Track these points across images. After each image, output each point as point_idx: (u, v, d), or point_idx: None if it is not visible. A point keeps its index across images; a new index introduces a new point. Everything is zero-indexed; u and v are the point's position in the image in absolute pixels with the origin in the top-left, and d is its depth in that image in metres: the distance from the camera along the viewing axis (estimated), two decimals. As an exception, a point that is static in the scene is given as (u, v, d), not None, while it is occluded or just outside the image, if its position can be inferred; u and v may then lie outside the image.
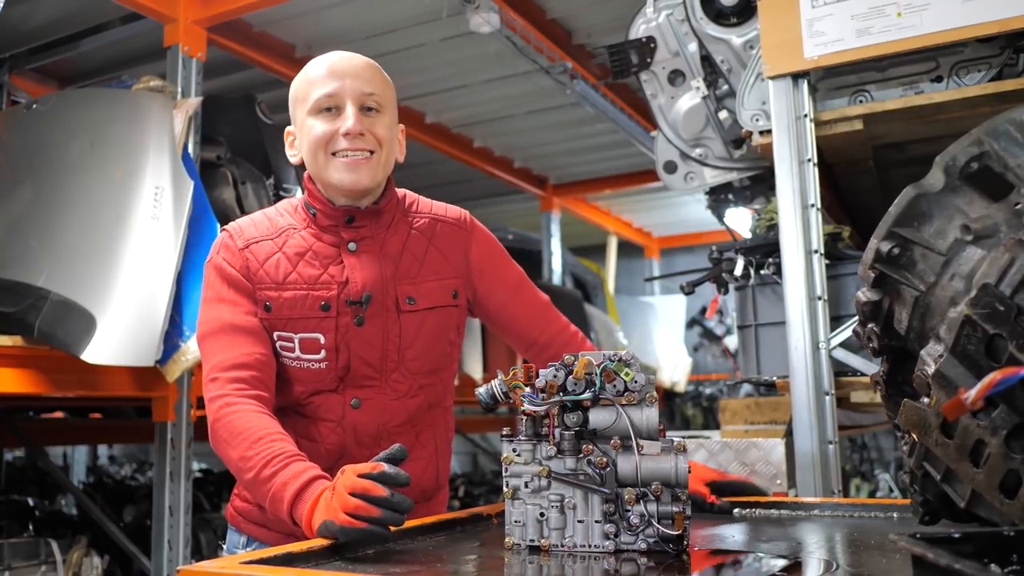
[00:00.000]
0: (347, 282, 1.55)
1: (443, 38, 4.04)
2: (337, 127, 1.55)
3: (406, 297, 1.59)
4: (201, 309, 1.59)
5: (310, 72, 1.61)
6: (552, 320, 1.75)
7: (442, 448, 1.70)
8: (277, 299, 1.54)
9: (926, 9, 2.05)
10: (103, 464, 7.13)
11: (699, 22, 2.78)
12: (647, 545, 1.19)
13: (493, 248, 1.75)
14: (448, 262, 1.66)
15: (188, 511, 3.25)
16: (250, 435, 1.41)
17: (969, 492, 1.07)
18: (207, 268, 1.61)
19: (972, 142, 1.14)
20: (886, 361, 1.27)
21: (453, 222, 1.70)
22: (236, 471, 1.46)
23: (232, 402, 1.46)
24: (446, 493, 1.75)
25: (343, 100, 1.56)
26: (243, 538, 1.64)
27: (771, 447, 2.35)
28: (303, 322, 1.54)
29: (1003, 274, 1.01)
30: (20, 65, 4.06)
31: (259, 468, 1.38)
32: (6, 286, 2.88)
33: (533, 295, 1.76)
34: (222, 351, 1.51)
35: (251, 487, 1.43)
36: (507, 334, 1.76)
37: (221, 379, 1.49)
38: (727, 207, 3.09)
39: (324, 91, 1.56)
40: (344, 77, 1.57)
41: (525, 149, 5.86)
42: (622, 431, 1.22)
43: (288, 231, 1.60)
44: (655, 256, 8.33)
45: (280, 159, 3.80)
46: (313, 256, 1.57)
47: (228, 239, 1.61)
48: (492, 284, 1.71)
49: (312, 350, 1.55)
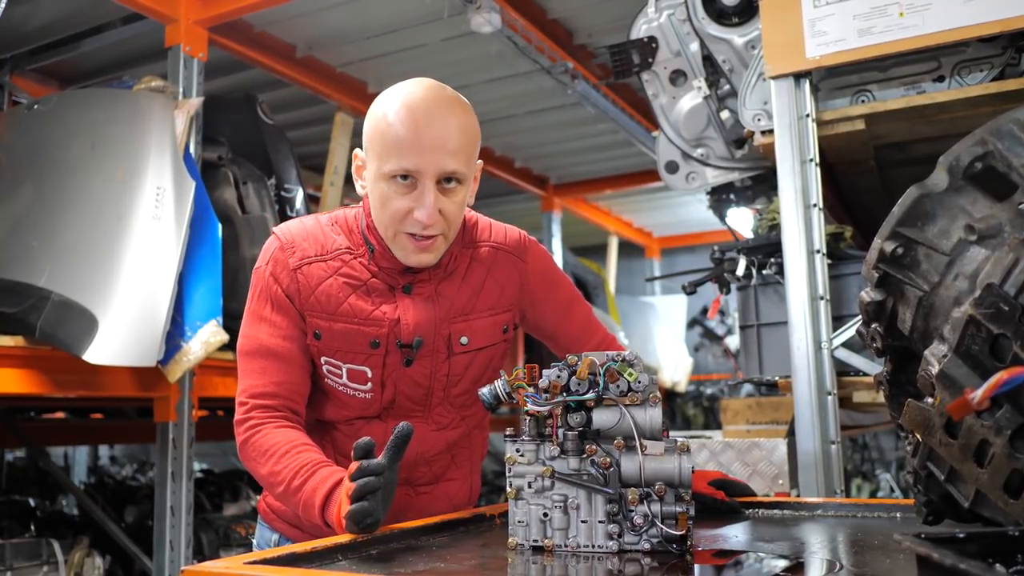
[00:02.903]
0: (399, 322, 1.52)
1: (444, 38, 4.05)
2: (411, 207, 1.44)
3: (459, 338, 1.56)
4: (245, 318, 1.56)
5: (392, 125, 1.43)
6: (593, 332, 1.75)
7: (476, 466, 1.72)
8: (328, 329, 1.52)
9: (928, 9, 2.05)
10: (104, 464, 7.12)
11: (701, 22, 2.78)
12: (651, 545, 1.19)
13: (546, 273, 1.71)
14: (503, 294, 1.63)
15: (190, 511, 3.25)
16: (277, 450, 1.45)
17: (973, 492, 1.07)
18: (256, 274, 1.56)
19: (976, 142, 1.14)
20: (889, 361, 1.26)
21: (511, 251, 1.65)
22: (268, 486, 1.50)
23: (257, 424, 1.49)
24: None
25: (423, 177, 1.43)
26: (275, 535, 1.66)
27: (773, 447, 2.36)
28: (351, 355, 1.53)
29: (1007, 274, 1.01)
30: (21, 65, 4.07)
31: (288, 480, 1.41)
32: (8, 286, 2.88)
33: (578, 312, 1.75)
34: (254, 375, 1.52)
35: (283, 499, 1.46)
36: (552, 344, 1.77)
37: (249, 404, 1.51)
38: (729, 207, 3.09)
39: (403, 164, 1.42)
40: (427, 151, 1.42)
41: (526, 149, 5.86)
42: (626, 431, 1.22)
43: (342, 255, 1.54)
44: (656, 256, 8.33)
45: (281, 159, 3.81)
46: (367, 291, 1.53)
47: (279, 252, 1.54)
48: (543, 310, 1.70)
49: (359, 380, 1.55)
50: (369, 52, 4.26)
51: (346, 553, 1.19)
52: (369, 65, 4.41)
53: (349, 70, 4.50)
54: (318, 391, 1.60)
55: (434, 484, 1.62)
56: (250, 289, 1.58)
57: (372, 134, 1.48)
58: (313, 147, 5.23)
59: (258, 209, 3.58)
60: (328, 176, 4.44)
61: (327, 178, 4.45)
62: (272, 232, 1.59)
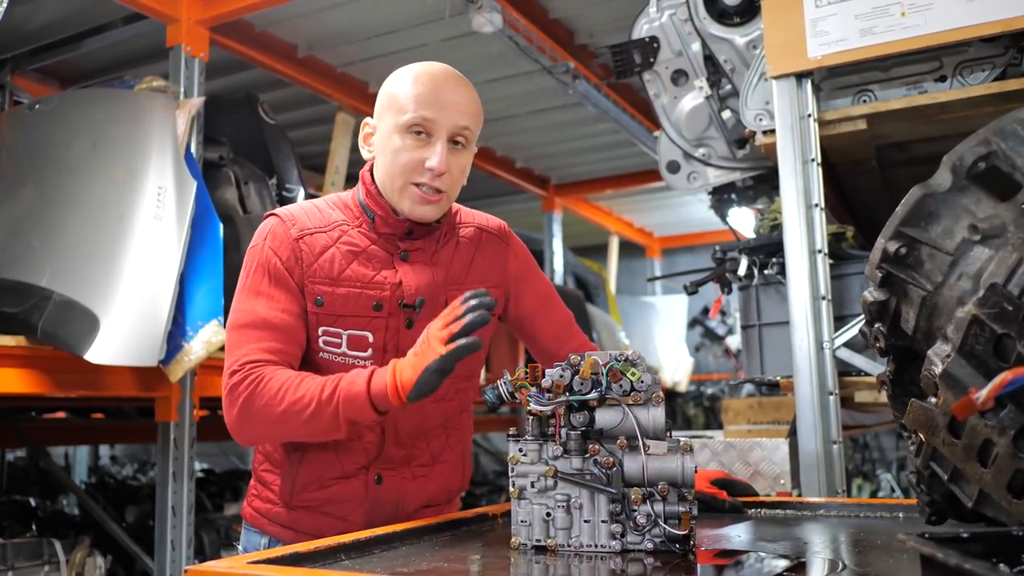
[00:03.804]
0: (400, 284, 1.55)
1: (445, 38, 4.05)
2: (424, 157, 1.51)
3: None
4: (236, 296, 1.55)
5: (415, 82, 1.54)
6: (573, 336, 1.78)
7: (467, 448, 1.74)
8: (331, 295, 1.53)
9: (930, 9, 2.05)
10: (105, 464, 7.13)
11: (702, 22, 2.78)
12: (653, 545, 1.19)
13: (527, 260, 1.77)
14: (492, 270, 1.68)
15: (191, 511, 3.26)
16: (290, 383, 1.41)
17: (977, 492, 1.07)
18: (250, 254, 1.56)
19: (979, 142, 1.14)
20: (892, 361, 1.26)
21: (495, 232, 1.72)
22: (290, 420, 1.41)
23: (256, 377, 1.44)
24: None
25: (439, 130, 1.52)
26: (265, 539, 1.62)
27: (775, 447, 2.35)
28: (353, 320, 1.54)
29: (1011, 274, 1.01)
30: (22, 65, 4.07)
31: (316, 399, 1.38)
32: (9, 286, 2.88)
33: (559, 310, 1.79)
34: (247, 344, 1.48)
35: (314, 420, 1.39)
36: (531, 345, 1.79)
37: (245, 368, 1.46)
38: (730, 207, 3.09)
39: (424, 114, 1.51)
40: (446, 106, 1.52)
41: (527, 149, 5.86)
42: (628, 431, 1.22)
43: (341, 226, 1.58)
44: (656, 256, 8.34)
45: (282, 159, 3.81)
46: (367, 257, 1.56)
47: (279, 226, 1.56)
48: (523, 295, 1.73)
49: (359, 347, 1.55)
50: (370, 52, 4.27)
51: (349, 552, 1.19)
52: (370, 65, 4.41)
53: (350, 70, 4.50)
54: (312, 369, 1.55)
55: (430, 466, 1.63)
56: (243, 268, 1.56)
57: (390, 94, 1.56)
58: (314, 147, 5.23)
59: (259, 209, 3.58)
60: (329, 176, 4.45)
61: (328, 178, 4.45)
62: (269, 214, 1.60)
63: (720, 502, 1.60)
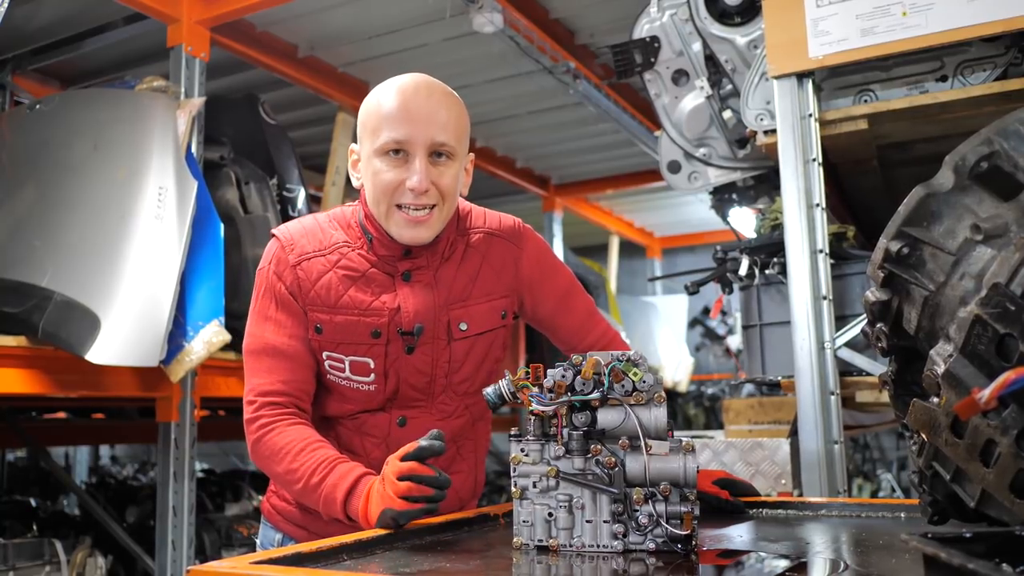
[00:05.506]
0: (399, 310, 1.54)
1: (446, 38, 4.05)
2: (403, 179, 1.48)
3: (459, 324, 1.58)
4: (250, 318, 1.58)
5: (383, 103, 1.51)
6: (594, 325, 1.75)
7: (480, 459, 1.73)
8: (329, 322, 1.54)
9: (931, 8, 2.05)
10: (105, 464, 7.13)
11: (703, 22, 2.78)
12: (656, 545, 1.19)
13: (543, 260, 1.72)
14: (499, 279, 1.64)
15: (192, 511, 3.26)
16: (292, 448, 1.46)
17: (979, 492, 1.06)
18: (259, 275, 1.59)
19: (982, 141, 1.14)
20: (895, 361, 1.26)
21: (506, 236, 1.67)
22: (284, 484, 1.51)
23: (268, 423, 1.51)
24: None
25: (413, 147, 1.48)
26: (279, 535, 1.66)
27: (776, 447, 2.36)
28: (353, 347, 1.54)
29: (1014, 273, 1.00)
30: (23, 66, 4.07)
31: (307, 477, 1.43)
32: (10, 286, 2.88)
33: (579, 302, 1.75)
34: (261, 374, 1.54)
35: (302, 496, 1.47)
36: (552, 336, 1.78)
37: (258, 403, 1.52)
38: (731, 207, 3.09)
39: (393, 136, 1.48)
40: (417, 122, 1.48)
41: (527, 149, 5.86)
42: (630, 431, 1.22)
43: (340, 248, 1.57)
44: (657, 256, 8.34)
45: (283, 159, 3.81)
46: (366, 282, 1.55)
47: (280, 251, 1.57)
48: (540, 296, 1.70)
49: (362, 373, 1.56)
50: (371, 52, 4.26)
51: (351, 553, 1.19)
52: (371, 65, 4.41)
53: (351, 70, 4.50)
54: (320, 388, 1.61)
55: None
56: (254, 289, 1.60)
57: (365, 118, 1.54)
58: (315, 147, 5.23)
59: (260, 209, 3.59)
60: (330, 176, 4.45)
61: (329, 178, 4.45)
62: (272, 234, 1.61)
63: (722, 502, 1.60)
